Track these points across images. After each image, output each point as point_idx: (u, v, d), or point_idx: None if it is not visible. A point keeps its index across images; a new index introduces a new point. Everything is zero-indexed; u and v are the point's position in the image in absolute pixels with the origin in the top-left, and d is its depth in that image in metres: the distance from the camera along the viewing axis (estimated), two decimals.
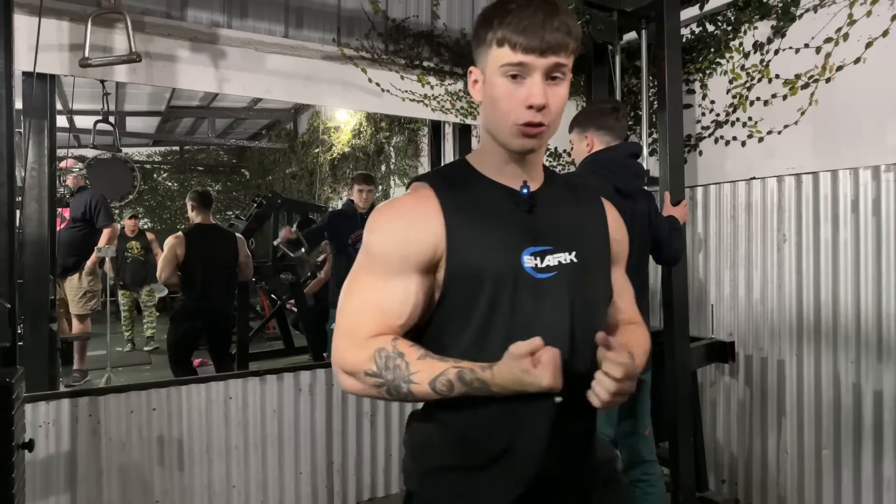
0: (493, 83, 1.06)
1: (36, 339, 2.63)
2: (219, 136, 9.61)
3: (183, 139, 10.96)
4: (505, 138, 1.08)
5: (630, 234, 2.33)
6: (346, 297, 1.11)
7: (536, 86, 1.03)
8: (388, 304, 1.07)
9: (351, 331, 1.07)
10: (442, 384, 1.01)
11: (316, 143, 8.91)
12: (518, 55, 1.02)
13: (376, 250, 1.09)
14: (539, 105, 1.03)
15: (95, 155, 7.10)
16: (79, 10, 2.63)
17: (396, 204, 1.13)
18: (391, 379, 1.03)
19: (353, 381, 1.07)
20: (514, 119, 1.05)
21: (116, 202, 7.51)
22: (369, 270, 1.09)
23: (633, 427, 2.47)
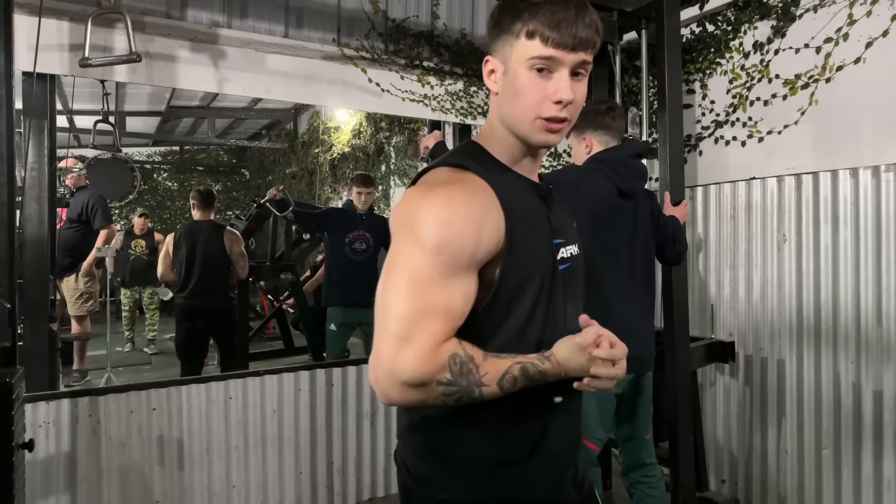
0: (518, 74, 1.03)
1: (36, 339, 2.63)
2: (219, 136, 9.61)
3: (183, 139, 10.96)
4: (526, 132, 1.06)
5: (633, 235, 2.36)
6: (402, 297, 0.97)
7: (564, 80, 1.02)
8: (454, 306, 0.99)
9: (417, 338, 0.95)
10: (508, 382, 0.99)
11: (316, 143, 8.91)
12: (549, 49, 1.00)
13: (444, 246, 0.97)
14: (568, 100, 1.02)
15: (95, 155, 7.09)
16: (79, 10, 2.63)
17: (455, 193, 1.00)
18: (465, 385, 0.97)
19: (418, 393, 0.97)
20: (538, 112, 1.03)
21: (116, 202, 7.51)
22: (433, 269, 0.97)
23: (633, 431, 2.46)
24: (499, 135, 1.11)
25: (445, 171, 1.07)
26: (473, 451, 1.08)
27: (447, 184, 1.02)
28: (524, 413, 1.08)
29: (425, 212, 0.99)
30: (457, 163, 1.07)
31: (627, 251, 2.34)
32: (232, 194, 12.85)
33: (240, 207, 11.28)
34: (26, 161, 2.56)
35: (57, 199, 3.71)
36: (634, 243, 2.37)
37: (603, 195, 2.28)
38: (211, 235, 4.27)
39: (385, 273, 1.00)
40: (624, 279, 2.32)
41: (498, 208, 1.02)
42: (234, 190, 12.97)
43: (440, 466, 1.10)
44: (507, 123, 1.09)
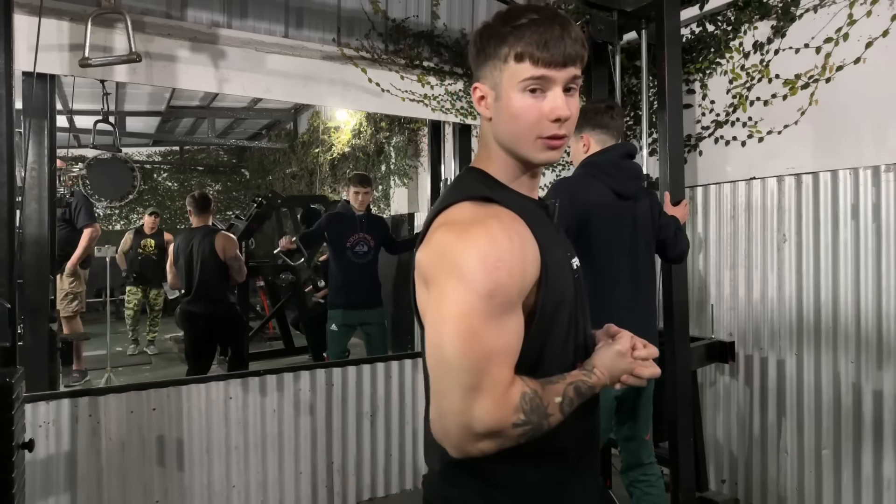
0: (512, 98, 1.03)
1: (36, 339, 2.63)
2: (219, 136, 9.61)
3: (183, 139, 10.96)
4: (528, 153, 1.06)
5: (633, 235, 2.35)
6: (463, 347, 0.93)
7: (559, 98, 1.03)
8: (512, 345, 0.98)
9: (487, 387, 0.93)
10: (567, 404, 1.01)
11: (316, 143, 8.91)
12: (540, 69, 1.01)
13: (496, 288, 0.94)
14: (565, 117, 1.03)
15: (95, 155, 7.10)
16: (79, 10, 2.63)
17: (497, 231, 0.98)
18: (536, 420, 0.97)
19: (496, 441, 0.95)
20: (538, 132, 1.04)
21: (117, 202, 7.50)
22: (489, 312, 0.94)
23: (634, 431, 2.47)
24: (498, 157, 1.11)
25: (470, 206, 1.04)
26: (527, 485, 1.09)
27: (482, 221, 0.99)
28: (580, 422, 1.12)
29: (470, 254, 0.95)
30: (478, 195, 1.05)
31: (629, 252, 2.34)
32: (232, 194, 12.85)
33: (240, 207, 11.28)
34: (26, 161, 2.56)
35: (57, 199, 3.70)
36: (635, 244, 2.37)
37: (599, 199, 2.29)
38: (204, 240, 4.21)
39: (436, 324, 0.97)
40: (626, 280, 2.32)
41: (532, 239, 1.01)
42: (234, 190, 12.97)
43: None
44: (506, 146, 1.08)
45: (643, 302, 2.39)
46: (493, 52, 1.05)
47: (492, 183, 1.10)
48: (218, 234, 4.27)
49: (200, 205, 4.29)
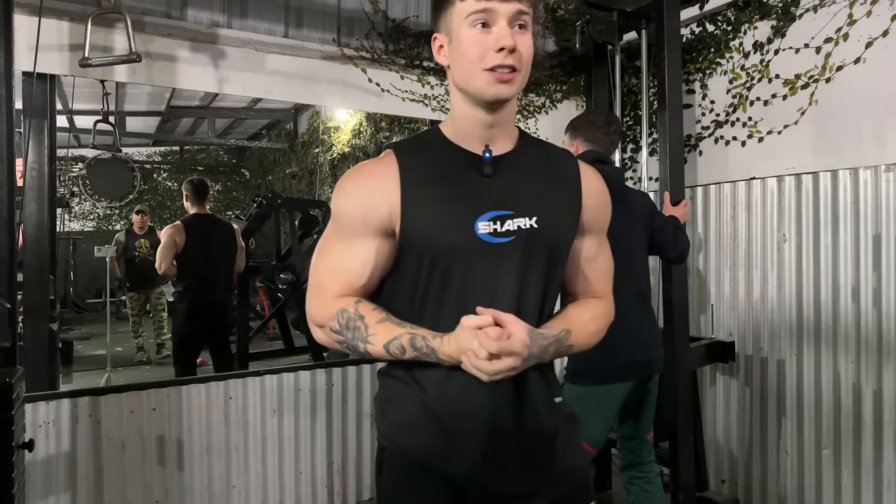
0: (461, 36, 1.08)
1: (36, 339, 2.63)
2: (219, 136, 9.61)
3: (183, 139, 10.96)
4: (478, 88, 1.09)
5: (625, 237, 2.34)
6: (316, 256, 1.19)
7: (504, 29, 1.06)
8: (350, 266, 1.15)
9: (319, 288, 1.17)
10: (395, 347, 1.10)
11: (316, 143, 8.91)
12: (482, 2, 1.05)
13: (340, 214, 1.15)
14: (509, 46, 1.05)
15: (95, 155, 7.09)
16: (79, 10, 2.63)
17: (360, 169, 1.17)
18: (350, 338, 1.13)
19: (321, 333, 1.18)
20: (484, 64, 1.06)
21: (117, 202, 7.48)
22: (335, 233, 1.16)
23: (635, 431, 2.47)
24: (454, 108, 1.17)
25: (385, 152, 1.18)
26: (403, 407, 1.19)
27: (361, 165, 1.19)
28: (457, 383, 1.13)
29: (337, 187, 1.17)
30: (392, 143, 1.19)
31: (623, 255, 2.33)
32: (232, 194, 12.85)
33: (240, 207, 11.29)
34: (26, 161, 2.56)
35: (57, 199, 3.70)
36: (628, 246, 2.37)
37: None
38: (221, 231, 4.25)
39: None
40: (622, 284, 2.31)
41: (395, 182, 1.11)
42: (234, 190, 12.97)
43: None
44: (461, 87, 1.12)
45: (641, 303, 2.39)
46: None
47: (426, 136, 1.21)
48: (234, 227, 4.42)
49: (199, 190, 4.19)
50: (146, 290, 6.83)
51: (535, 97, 3.88)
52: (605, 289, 1.30)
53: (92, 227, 11.57)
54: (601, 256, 1.29)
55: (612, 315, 1.29)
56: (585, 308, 1.25)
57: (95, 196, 8.01)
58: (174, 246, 4.05)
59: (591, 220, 1.23)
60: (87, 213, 11.71)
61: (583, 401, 2.32)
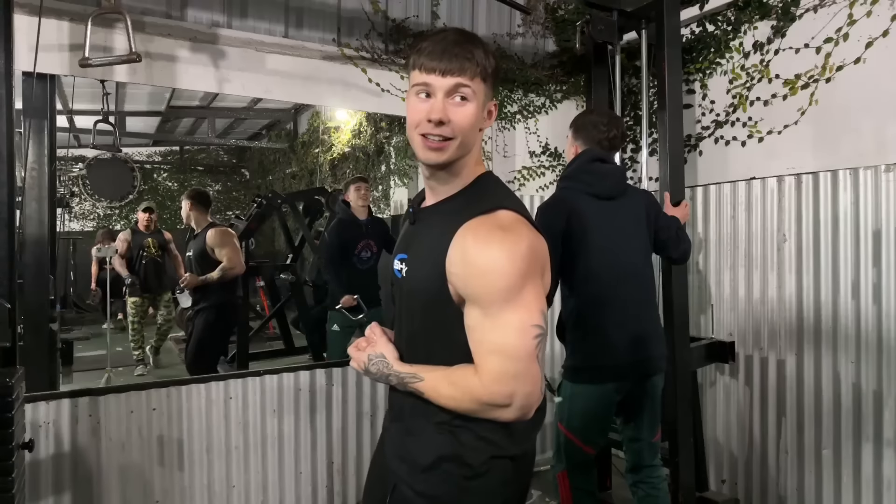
0: (409, 101, 1.23)
1: (36, 339, 2.63)
2: (219, 136, 9.61)
3: (183, 139, 10.95)
4: (415, 149, 1.24)
5: (625, 235, 2.35)
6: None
7: (438, 102, 1.18)
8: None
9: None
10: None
11: (316, 143, 8.91)
12: (423, 75, 1.19)
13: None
14: (436, 119, 1.17)
15: (95, 155, 7.08)
16: (79, 10, 2.63)
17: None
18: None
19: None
20: (419, 130, 1.20)
21: (117, 202, 7.46)
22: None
23: (638, 433, 2.46)
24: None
25: None
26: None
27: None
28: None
29: None
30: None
31: (623, 253, 2.34)
32: (232, 194, 12.84)
33: (240, 207, 11.28)
34: (26, 161, 2.56)
35: (57, 199, 3.69)
36: (630, 244, 2.37)
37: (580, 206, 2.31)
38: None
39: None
40: (621, 281, 2.32)
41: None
42: (234, 190, 12.96)
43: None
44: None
45: (643, 301, 2.39)
46: (408, 63, 1.25)
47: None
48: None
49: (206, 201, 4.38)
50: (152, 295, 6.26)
51: (535, 97, 3.87)
52: (482, 366, 1.16)
53: (92, 227, 11.56)
54: (481, 331, 1.17)
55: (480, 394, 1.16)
56: (454, 372, 1.21)
57: (95, 196, 8.01)
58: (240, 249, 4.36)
59: (458, 286, 1.19)
60: (87, 213, 11.70)
61: (579, 399, 2.32)
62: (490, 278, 1.13)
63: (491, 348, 1.15)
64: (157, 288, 6.24)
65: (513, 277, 1.12)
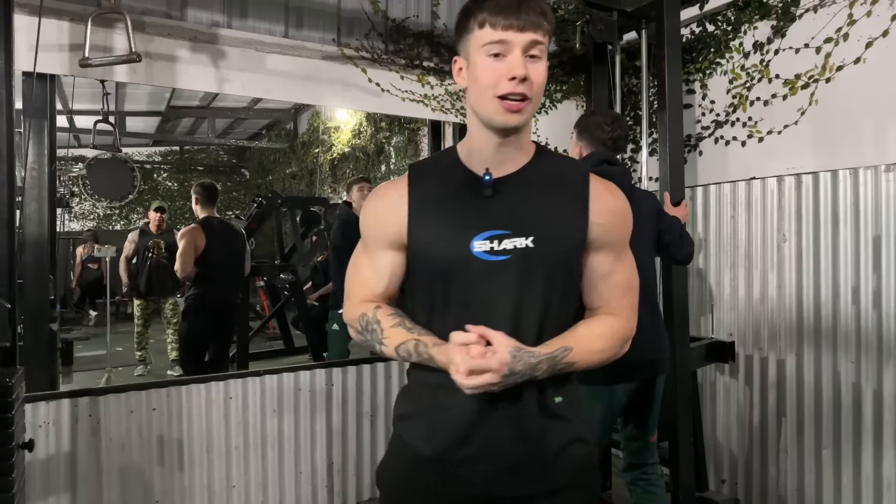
0: (477, 63, 1.13)
1: (36, 339, 2.63)
2: (219, 136, 9.61)
3: (183, 139, 10.97)
4: (489, 114, 1.14)
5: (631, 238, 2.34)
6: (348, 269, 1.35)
7: (517, 59, 1.10)
8: (370, 276, 1.29)
9: (348, 293, 1.33)
10: (404, 351, 1.20)
11: (316, 143, 8.92)
12: (498, 32, 1.10)
13: (363, 229, 1.30)
14: (520, 75, 1.09)
15: (95, 155, 7.08)
16: (79, 10, 2.63)
17: (378, 189, 1.33)
18: (369, 339, 1.25)
19: (352, 332, 1.31)
20: (496, 91, 1.11)
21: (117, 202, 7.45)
22: (362, 245, 1.32)
23: (639, 433, 2.46)
24: (471, 129, 1.23)
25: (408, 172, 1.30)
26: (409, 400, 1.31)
27: (381, 185, 1.35)
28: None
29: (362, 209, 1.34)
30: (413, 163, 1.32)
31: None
32: (232, 194, 12.85)
33: (240, 207, 11.29)
34: (26, 161, 2.56)
35: (57, 199, 3.70)
36: (635, 246, 2.36)
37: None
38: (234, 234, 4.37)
39: None
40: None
41: (402, 205, 1.22)
42: (234, 190, 12.97)
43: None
44: (475, 111, 1.18)
45: (647, 304, 2.39)
46: (465, 25, 1.16)
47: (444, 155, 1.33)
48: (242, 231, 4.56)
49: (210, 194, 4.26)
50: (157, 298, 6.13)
51: None
52: (622, 305, 1.27)
53: (92, 227, 11.57)
54: (617, 272, 1.26)
55: (626, 332, 1.27)
56: (594, 325, 1.24)
57: (95, 196, 8.01)
58: (195, 248, 4.06)
59: (601, 235, 1.23)
60: (87, 213, 11.71)
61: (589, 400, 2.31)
62: (627, 223, 1.29)
63: (626, 286, 1.28)
64: (161, 290, 6.10)
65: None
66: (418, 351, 1.18)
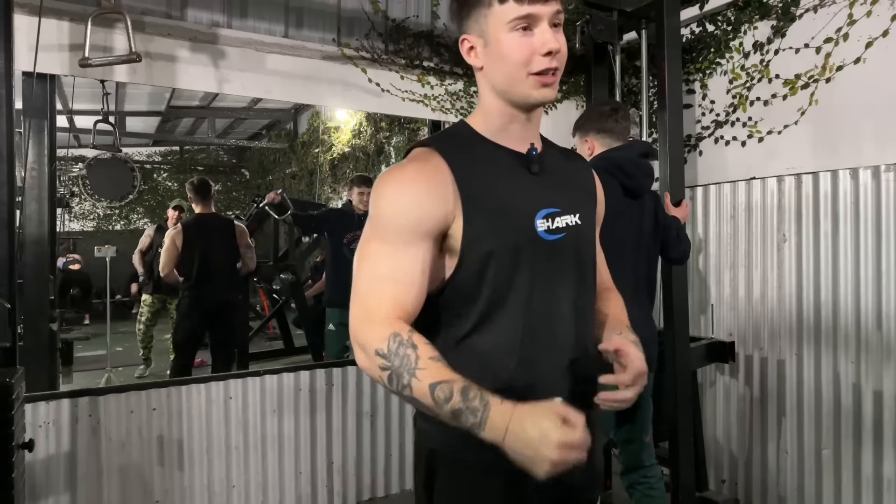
0: (501, 40, 1.06)
1: (36, 339, 2.63)
2: (219, 136, 9.61)
3: (183, 139, 10.96)
4: (524, 92, 1.08)
5: (638, 235, 2.35)
6: (359, 266, 1.07)
7: (547, 32, 1.05)
8: (402, 274, 1.04)
9: (367, 304, 1.03)
10: (442, 391, 0.95)
11: (316, 143, 8.92)
12: (525, 7, 1.04)
13: (387, 217, 1.06)
14: (556, 49, 1.05)
15: (95, 155, 7.07)
16: (79, 10, 2.63)
17: (405, 169, 1.09)
18: (397, 366, 0.98)
19: (363, 356, 1.02)
20: (530, 69, 1.06)
21: (117, 202, 7.44)
22: (382, 239, 1.05)
23: (633, 434, 2.45)
24: (487, 107, 1.14)
25: (417, 151, 1.13)
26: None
27: (403, 164, 1.11)
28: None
29: (377, 189, 1.09)
30: (424, 142, 1.14)
31: (633, 252, 2.34)
32: (232, 194, 12.84)
33: (240, 207, 11.29)
34: (26, 161, 2.56)
35: (57, 199, 3.70)
36: (639, 244, 2.37)
37: (615, 198, 2.28)
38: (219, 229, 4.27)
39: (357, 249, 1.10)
40: (629, 279, 2.32)
41: (448, 186, 1.06)
42: (234, 190, 12.96)
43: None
44: (500, 91, 1.10)
45: (644, 301, 2.40)
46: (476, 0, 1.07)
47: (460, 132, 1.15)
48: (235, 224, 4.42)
49: (199, 190, 4.22)
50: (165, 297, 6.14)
51: None
52: (609, 278, 1.38)
53: (92, 227, 11.57)
54: (599, 251, 1.33)
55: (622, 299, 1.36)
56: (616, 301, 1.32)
57: (95, 196, 8.01)
58: (175, 249, 4.09)
59: (599, 217, 1.31)
60: (87, 213, 11.70)
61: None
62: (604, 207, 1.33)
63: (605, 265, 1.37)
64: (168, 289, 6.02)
65: None
66: (466, 395, 0.93)
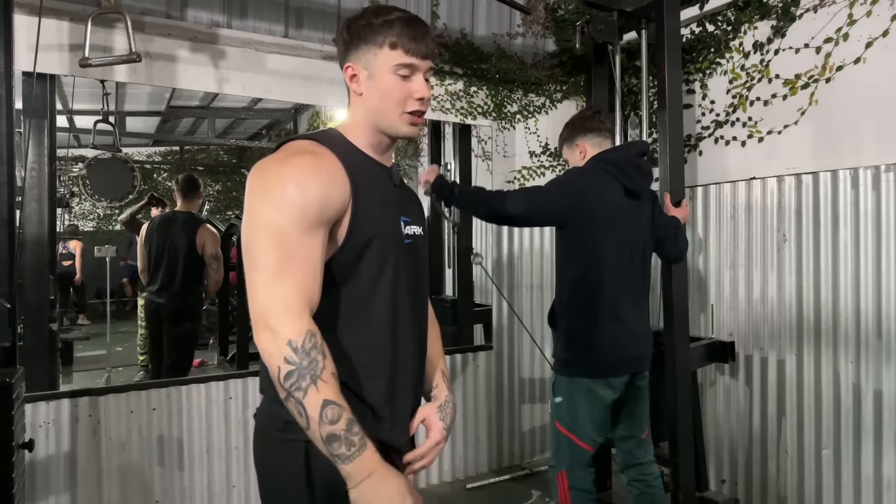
0: (384, 78, 1.25)
1: (36, 339, 2.63)
2: (219, 136, 9.59)
3: (183, 139, 10.94)
4: (395, 125, 1.27)
5: (636, 235, 2.35)
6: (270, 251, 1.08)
7: (423, 83, 1.27)
8: (309, 258, 1.11)
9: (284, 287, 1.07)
10: (333, 412, 1.04)
11: None
12: (410, 58, 1.24)
13: (294, 200, 1.09)
14: (427, 98, 1.28)
15: (95, 155, 7.07)
16: (79, 10, 2.63)
17: (304, 156, 1.16)
18: (304, 366, 1.04)
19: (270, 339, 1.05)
20: (403, 108, 1.26)
21: (117, 202, 7.43)
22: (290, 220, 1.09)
23: (630, 431, 2.46)
24: (359, 124, 1.30)
25: (304, 142, 1.22)
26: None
27: (300, 154, 1.17)
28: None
29: (283, 178, 1.12)
30: (309, 138, 1.24)
31: (630, 251, 2.34)
32: (232, 194, 12.81)
33: (240, 208, 11.28)
34: (26, 161, 2.56)
35: (57, 199, 3.69)
36: (637, 243, 2.37)
37: (615, 197, 2.29)
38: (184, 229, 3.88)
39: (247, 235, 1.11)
40: (626, 278, 2.33)
41: (344, 176, 1.18)
42: (235, 190, 12.95)
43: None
44: (373, 119, 1.28)
45: (640, 300, 2.40)
46: (369, 37, 1.25)
47: (338, 139, 1.27)
48: (201, 227, 3.92)
49: (184, 187, 4.03)
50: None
51: (535, 97, 3.87)
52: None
53: (92, 227, 11.56)
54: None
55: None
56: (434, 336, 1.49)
57: (95, 196, 7.98)
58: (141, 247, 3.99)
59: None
60: (87, 213, 11.69)
61: (572, 392, 2.31)
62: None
63: None
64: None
65: None
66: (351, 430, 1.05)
